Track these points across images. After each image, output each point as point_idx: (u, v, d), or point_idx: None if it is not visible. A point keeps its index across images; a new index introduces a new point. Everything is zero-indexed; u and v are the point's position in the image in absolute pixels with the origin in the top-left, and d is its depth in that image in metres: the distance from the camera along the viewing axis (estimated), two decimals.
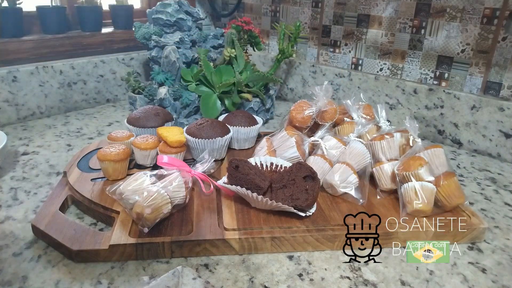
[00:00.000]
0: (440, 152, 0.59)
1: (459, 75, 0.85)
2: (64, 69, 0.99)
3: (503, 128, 0.80)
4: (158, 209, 0.50)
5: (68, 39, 1.03)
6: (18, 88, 0.93)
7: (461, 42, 0.83)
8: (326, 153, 0.64)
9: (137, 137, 0.68)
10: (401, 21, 0.91)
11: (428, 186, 0.55)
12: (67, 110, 1.03)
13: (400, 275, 0.48)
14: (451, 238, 0.53)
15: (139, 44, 1.01)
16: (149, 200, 0.49)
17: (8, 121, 0.93)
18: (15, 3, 0.93)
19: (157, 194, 0.50)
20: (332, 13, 1.04)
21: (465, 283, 0.47)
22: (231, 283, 0.46)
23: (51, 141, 0.84)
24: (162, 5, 0.94)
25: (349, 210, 0.56)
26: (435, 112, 0.89)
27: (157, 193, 0.50)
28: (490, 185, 0.71)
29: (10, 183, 0.67)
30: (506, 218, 0.61)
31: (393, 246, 0.53)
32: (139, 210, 0.48)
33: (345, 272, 0.48)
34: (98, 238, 0.49)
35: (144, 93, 0.94)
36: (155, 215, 0.49)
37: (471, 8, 0.80)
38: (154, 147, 0.66)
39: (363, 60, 1.01)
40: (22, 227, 0.55)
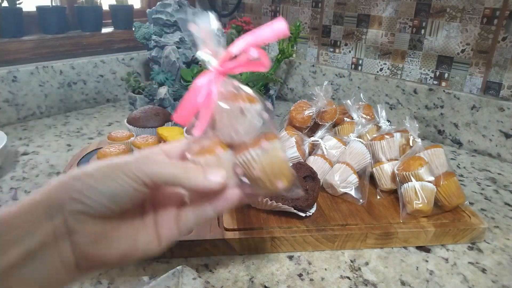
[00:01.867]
0: (440, 152, 0.59)
1: (459, 75, 0.85)
2: (64, 69, 0.99)
3: (503, 128, 0.80)
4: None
5: (68, 39, 1.03)
6: (18, 88, 0.93)
7: (461, 42, 0.83)
8: (326, 153, 0.64)
9: (137, 137, 0.68)
10: (401, 21, 0.91)
11: (428, 186, 0.55)
12: (67, 110, 1.03)
13: (400, 275, 0.48)
14: (451, 238, 0.53)
15: (139, 44, 1.01)
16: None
17: (8, 121, 0.93)
18: (15, 3, 0.93)
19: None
20: (332, 13, 1.04)
21: (465, 283, 0.47)
22: (231, 283, 0.46)
23: (51, 141, 0.84)
24: (162, 5, 0.94)
25: (349, 210, 0.56)
26: (435, 112, 0.89)
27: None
28: (490, 185, 0.71)
29: (10, 183, 0.67)
30: (506, 218, 0.61)
31: (393, 246, 0.53)
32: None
33: (345, 272, 0.48)
34: None
35: (144, 93, 0.94)
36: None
37: (471, 8, 0.80)
38: None
39: (363, 60, 1.01)
40: None
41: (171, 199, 0.36)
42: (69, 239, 0.29)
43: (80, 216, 0.29)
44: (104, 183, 0.29)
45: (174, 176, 0.32)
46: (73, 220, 0.29)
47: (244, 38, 0.34)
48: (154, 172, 0.31)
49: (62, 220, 0.28)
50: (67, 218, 0.29)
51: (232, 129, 0.34)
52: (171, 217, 0.35)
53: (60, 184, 0.30)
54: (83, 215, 0.29)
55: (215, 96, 0.34)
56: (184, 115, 0.35)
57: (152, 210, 0.35)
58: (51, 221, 0.28)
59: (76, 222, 0.29)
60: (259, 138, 0.34)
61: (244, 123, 0.34)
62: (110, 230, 0.31)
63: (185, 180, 0.32)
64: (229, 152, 0.35)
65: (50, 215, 0.28)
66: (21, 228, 0.28)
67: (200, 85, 0.34)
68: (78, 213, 0.29)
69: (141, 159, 0.32)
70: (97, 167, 0.31)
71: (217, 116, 0.34)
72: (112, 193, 0.29)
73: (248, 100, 0.34)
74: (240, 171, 0.34)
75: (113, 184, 0.30)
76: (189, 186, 0.32)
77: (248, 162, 0.33)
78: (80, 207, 0.29)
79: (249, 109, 0.34)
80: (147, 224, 0.34)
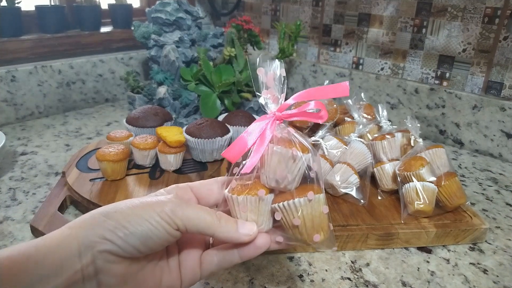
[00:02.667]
0: (442, 152, 0.59)
1: (461, 75, 0.85)
2: (63, 69, 0.99)
3: (504, 128, 0.79)
4: None
5: (67, 38, 1.02)
6: (16, 87, 0.92)
7: (462, 41, 0.83)
8: (326, 153, 0.64)
9: (136, 137, 0.68)
10: (402, 20, 0.91)
11: (430, 186, 0.55)
12: (66, 110, 1.02)
13: (401, 276, 0.47)
14: (453, 239, 0.53)
15: (138, 43, 1.01)
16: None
17: (6, 121, 0.92)
18: (14, 3, 0.93)
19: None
20: (333, 12, 1.03)
21: (466, 284, 0.46)
22: (231, 284, 0.45)
23: (50, 141, 0.84)
24: (161, 4, 0.94)
25: (350, 210, 0.56)
26: (436, 112, 0.88)
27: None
28: (492, 186, 0.70)
29: (8, 184, 0.66)
30: (507, 218, 0.60)
31: (394, 247, 0.52)
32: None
33: (345, 273, 0.48)
34: None
35: (143, 92, 0.94)
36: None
37: (473, 8, 0.80)
38: (153, 147, 0.66)
39: (364, 60, 1.00)
40: (20, 227, 0.55)
41: (196, 241, 0.35)
42: (96, 279, 0.28)
43: (109, 256, 0.28)
44: (137, 224, 0.29)
45: (208, 225, 0.31)
46: (102, 260, 0.28)
47: (307, 90, 0.35)
48: (189, 218, 0.31)
49: (91, 260, 0.28)
50: (96, 257, 0.28)
51: (280, 174, 0.34)
52: (195, 259, 0.34)
53: (93, 220, 0.29)
54: (112, 255, 0.28)
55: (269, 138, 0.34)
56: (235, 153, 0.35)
57: (177, 251, 0.35)
58: (81, 259, 0.28)
59: (104, 262, 0.28)
60: (304, 188, 0.34)
61: (293, 171, 0.34)
62: (136, 272, 0.31)
63: (218, 231, 0.32)
64: (270, 196, 0.35)
65: (80, 254, 0.28)
66: (51, 265, 0.27)
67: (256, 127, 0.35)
68: (108, 253, 0.28)
69: (176, 202, 0.31)
70: (130, 205, 0.30)
71: (266, 159, 0.34)
72: (145, 235, 0.29)
73: (301, 149, 0.34)
74: (278, 217, 0.34)
75: (146, 225, 0.29)
76: (220, 238, 0.32)
77: (290, 209, 0.33)
78: (110, 247, 0.28)
79: (300, 158, 0.34)
80: (172, 266, 0.34)
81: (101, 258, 0.28)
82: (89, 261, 0.28)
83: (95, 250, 0.28)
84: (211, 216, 0.32)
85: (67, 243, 0.28)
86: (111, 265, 0.29)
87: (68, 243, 0.28)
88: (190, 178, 0.64)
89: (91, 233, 0.28)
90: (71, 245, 0.28)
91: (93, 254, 0.28)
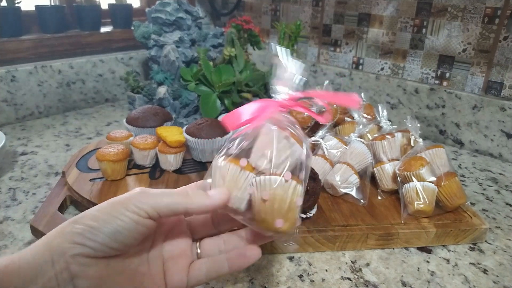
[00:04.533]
0: (442, 152, 0.59)
1: (461, 75, 0.85)
2: (63, 69, 0.99)
3: (504, 128, 0.79)
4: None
5: (67, 38, 1.02)
6: (16, 87, 0.92)
7: (462, 41, 0.83)
8: (327, 153, 0.64)
9: (136, 137, 0.68)
10: (402, 20, 0.91)
11: (430, 186, 0.55)
12: (66, 110, 1.02)
13: (401, 276, 0.47)
14: (453, 239, 0.53)
15: (138, 43, 1.01)
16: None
17: (6, 121, 0.92)
18: (14, 2, 0.93)
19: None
20: (333, 12, 1.03)
21: (466, 284, 0.46)
22: (231, 284, 0.45)
23: (50, 141, 0.84)
24: (161, 4, 0.94)
25: (350, 210, 0.56)
26: (436, 112, 0.88)
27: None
28: (492, 186, 0.70)
29: (8, 184, 0.66)
30: (507, 218, 0.60)
31: (394, 247, 0.52)
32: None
33: (345, 273, 0.48)
34: None
35: (143, 92, 0.94)
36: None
37: (473, 8, 0.80)
38: (153, 147, 0.66)
39: (364, 60, 1.00)
40: (20, 227, 0.55)
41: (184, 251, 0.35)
42: (72, 284, 0.29)
43: (82, 259, 0.29)
44: (105, 222, 0.29)
45: (178, 202, 0.31)
46: (75, 264, 0.29)
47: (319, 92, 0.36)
48: (157, 202, 0.31)
49: (64, 266, 0.28)
50: (69, 263, 0.29)
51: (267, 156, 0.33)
52: (182, 266, 0.34)
53: (61, 229, 0.30)
54: (85, 258, 0.29)
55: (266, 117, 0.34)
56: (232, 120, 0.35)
57: (159, 257, 0.35)
58: (54, 266, 0.28)
59: (78, 266, 0.29)
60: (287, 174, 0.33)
61: (281, 156, 0.33)
62: (113, 275, 0.31)
63: (189, 203, 0.32)
64: (251, 175, 0.34)
65: (53, 261, 0.28)
66: (25, 276, 0.28)
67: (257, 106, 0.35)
68: (80, 257, 0.29)
69: (142, 191, 0.32)
70: (98, 207, 0.31)
71: (260, 137, 0.34)
72: (114, 230, 0.29)
73: (296, 140, 0.34)
74: (251, 191, 0.33)
75: (114, 221, 0.29)
76: (194, 209, 0.32)
77: (264, 185, 0.32)
78: (81, 250, 0.29)
79: (293, 144, 0.33)
80: (154, 272, 0.34)
81: (75, 263, 0.29)
82: (62, 267, 0.28)
83: (67, 256, 0.29)
84: (178, 193, 0.32)
85: (40, 252, 0.29)
86: (86, 268, 0.29)
87: (42, 253, 0.29)
88: (190, 178, 0.64)
89: (62, 240, 0.29)
90: (44, 254, 0.29)
91: (66, 260, 0.29)
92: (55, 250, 0.29)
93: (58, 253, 0.29)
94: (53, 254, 0.29)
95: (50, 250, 0.29)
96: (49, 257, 0.29)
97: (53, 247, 0.29)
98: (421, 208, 0.53)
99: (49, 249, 0.29)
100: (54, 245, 0.29)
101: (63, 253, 0.29)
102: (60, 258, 0.28)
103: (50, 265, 0.28)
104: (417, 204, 0.53)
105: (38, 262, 0.28)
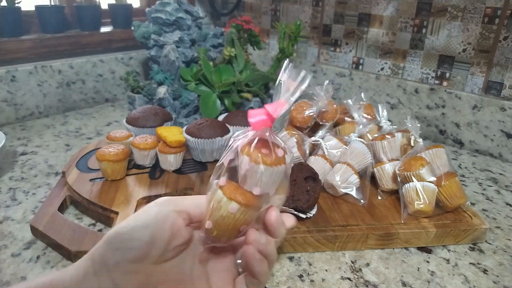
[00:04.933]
0: (442, 152, 0.59)
1: (461, 75, 0.85)
2: (63, 69, 0.99)
3: (504, 128, 0.79)
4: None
5: (67, 38, 1.02)
6: (16, 87, 0.92)
7: (462, 41, 0.83)
8: (327, 153, 0.64)
9: (136, 137, 0.68)
10: (402, 20, 0.91)
11: (430, 186, 0.55)
12: (66, 110, 1.02)
13: (401, 276, 0.47)
14: (453, 239, 0.53)
15: (138, 43, 1.01)
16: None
17: (6, 121, 0.92)
18: (14, 2, 0.93)
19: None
20: (333, 12, 1.03)
21: (466, 283, 0.46)
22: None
23: (50, 141, 0.84)
24: (161, 4, 0.94)
25: (350, 210, 0.56)
26: (436, 112, 0.88)
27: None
28: (492, 186, 0.70)
29: (8, 184, 0.66)
30: (507, 218, 0.60)
31: (394, 247, 0.52)
32: None
33: (345, 273, 0.48)
34: (97, 238, 0.49)
35: (143, 92, 0.94)
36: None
37: (473, 8, 0.80)
38: (153, 147, 0.66)
39: (364, 60, 1.00)
40: (20, 227, 0.55)
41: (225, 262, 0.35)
42: None
43: (124, 266, 0.29)
44: (142, 227, 0.30)
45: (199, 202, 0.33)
46: (118, 273, 0.29)
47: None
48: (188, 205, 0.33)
49: (107, 276, 0.29)
50: (112, 272, 0.29)
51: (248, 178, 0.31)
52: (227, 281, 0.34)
53: (103, 241, 0.30)
54: (127, 265, 0.29)
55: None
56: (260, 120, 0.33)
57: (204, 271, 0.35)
58: (97, 278, 0.29)
59: (121, 275, 0.29)
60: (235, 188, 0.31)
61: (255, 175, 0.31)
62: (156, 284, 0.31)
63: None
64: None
65: (95, 273, 0.29)
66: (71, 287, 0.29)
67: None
68: (123, 264, 0.29)
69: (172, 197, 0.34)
70: (133, 216, 0.32)
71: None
72: (150, 234, 0.30)
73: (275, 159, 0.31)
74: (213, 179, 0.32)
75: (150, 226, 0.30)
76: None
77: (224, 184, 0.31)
78: (121, 257, 0.29)
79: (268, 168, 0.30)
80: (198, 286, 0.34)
81: (117, 271, 0.29)
82: (105, 278, 0.29)
83: (109, 265, 0.29)
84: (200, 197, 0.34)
85: (83, 265, 0.30)
86: (129, 277, 0.29)
87: (84, 265, 0.30)
88: (190, 178, 0.64)
89: (103, 250, 0.30)
90: (86, 267, 0.30)
91: (108, 269, 0.29)
92: (97, 261, 0.29)
93: (100, 264, 0.29)
94: (95, 265, 0.29)
95: (92, 262, 0.29)
96: (91, 269, 0.29)
97: (95, 258, 0.30)
98: (421, 208, 0.53)
99: (91, 260, 0.30)
100: (96, 256, 0.30)
101: (105, 263, 0.29)
102: (102, 268, 0.29)
103: (93, 276, 0.29)
104: (417, 204, 0.53)
105: (81, 275, 0.29)
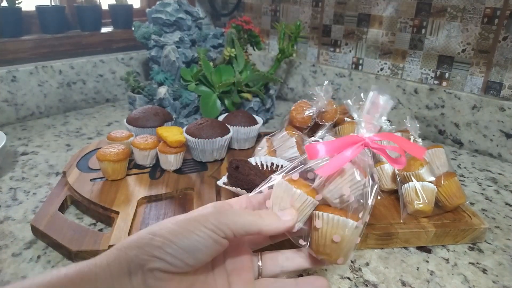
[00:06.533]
0: (441, 152, 0.59)
1: (460, 75, 0.85)
2: (64, 69, 0.99)
3: (503, 128, 0.79)
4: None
5: (68, 38, 1.02)
6: (17, 88, 0.92)
7: (461, 41, 0.83)
8: None
9: (136, 137, 0.68)
10: (402, 21, 0.91)
11: (429, 186, 0.55)
12: (66, 110, 1.02)
13: (401, 275, 0.48)
14: (452, 239, 0.53)
15: (138, 43, 1.01)
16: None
17: (7, 121, 0.93)
18: (15, 3, 0.93)
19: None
20: (333, 12, 1.04)
21: (466, 283, 0.47)
22: None
23: (50, 141, 0.84)
24: (161, 5, 0.94)
25: None
26: (435, 112, 0.88)
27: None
28: (491, 185, 0.71)
29: (9, 183, 0.67)
30: (507, 218, 0.60)
31: (394, 247, 0.53)
32: None
33: (345, 273, 0.48)
34: (97, 238, 0.49)
35: (144, 92, 0.94)
36: None
37: (472, 8, 0.80)
38: (154, 147, 0.66)
39: (364, 60, 1.01)
40: (21, 227, 0.55)
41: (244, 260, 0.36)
42: None
43: (159, 274, 0.28)
44: (184, 237, 0.29)
45: (252, 223, 0.32)
46: (152, 279, 0.28)
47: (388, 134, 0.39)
48: (233, 222, 0.31)
49: (142, 279, 0.28)
50: (146, 276, 0.28)
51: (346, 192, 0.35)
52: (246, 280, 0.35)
53: (140, 240, 0.29)
54: (162, 272, 0.29)
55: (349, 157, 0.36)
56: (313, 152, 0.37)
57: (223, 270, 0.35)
58: (131, 279, 0.28)
59: (155, 281, 0.28)
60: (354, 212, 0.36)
61: (356, 195, 0.36)
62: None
63: (262, 225, 0.33)
64: (314, 201, 0.36)
65: (130, 273, 0.28)
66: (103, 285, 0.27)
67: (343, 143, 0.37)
68: (158, 271, 0.28)
69: (218, 211, 0.32)
70: (175, 221, 0.31)
71: (340, 174, 0.36)
72: (192, 246, 0.29)
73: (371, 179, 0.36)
74: (319, 225, 0.35)
75: (193, 237, 0.29)
76: (266, 231, 0.33)
77: (337, 225, 0.35)
78: (160, 265, 0.28)
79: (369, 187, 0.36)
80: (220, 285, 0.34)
81: (152, 277, 0.28)
82: (139, 281, 0.28)
83: (145, 269, 0.28)
84: (252, 215, 0.33)
85: (117, 262, 0.28)
86: (162, 283, 0.29)
87: (118, 263, 0.28)
88: (191, 178, 0.64)
89: (140, 252, 0.28)
90: (121, 265, 0.28)
91: (144, 272, 0.28)
92: (133, 262, 0.28)
93: (136, 265, 0.28)
94: (130, 266, 0.28)
95: (127, 261, 0.28)
96: (126, 268, 0.28)
97: (130, 258, 0.28)
98: (420, 208, 0.53)
99: (126, 259, 0.28)
100: (131, 256, 0.28)
101: (141, 266, 0.28)
102: (138, 271, 0.28)
103: (127, 277, 0.28)
104: (417, 204, 0.54)
105: (115, 272, 0.28)
